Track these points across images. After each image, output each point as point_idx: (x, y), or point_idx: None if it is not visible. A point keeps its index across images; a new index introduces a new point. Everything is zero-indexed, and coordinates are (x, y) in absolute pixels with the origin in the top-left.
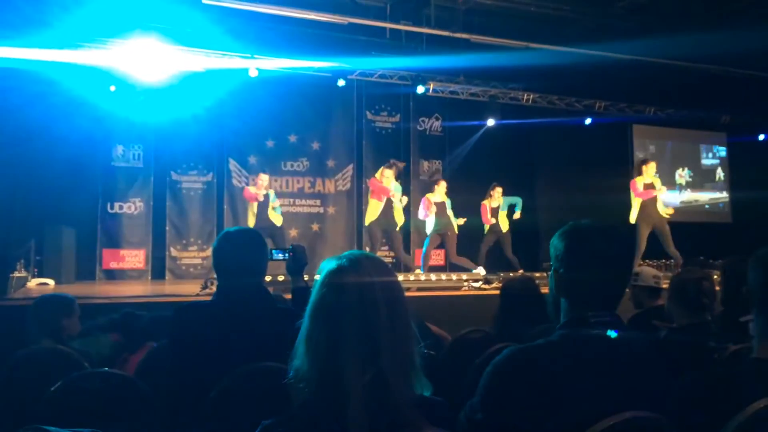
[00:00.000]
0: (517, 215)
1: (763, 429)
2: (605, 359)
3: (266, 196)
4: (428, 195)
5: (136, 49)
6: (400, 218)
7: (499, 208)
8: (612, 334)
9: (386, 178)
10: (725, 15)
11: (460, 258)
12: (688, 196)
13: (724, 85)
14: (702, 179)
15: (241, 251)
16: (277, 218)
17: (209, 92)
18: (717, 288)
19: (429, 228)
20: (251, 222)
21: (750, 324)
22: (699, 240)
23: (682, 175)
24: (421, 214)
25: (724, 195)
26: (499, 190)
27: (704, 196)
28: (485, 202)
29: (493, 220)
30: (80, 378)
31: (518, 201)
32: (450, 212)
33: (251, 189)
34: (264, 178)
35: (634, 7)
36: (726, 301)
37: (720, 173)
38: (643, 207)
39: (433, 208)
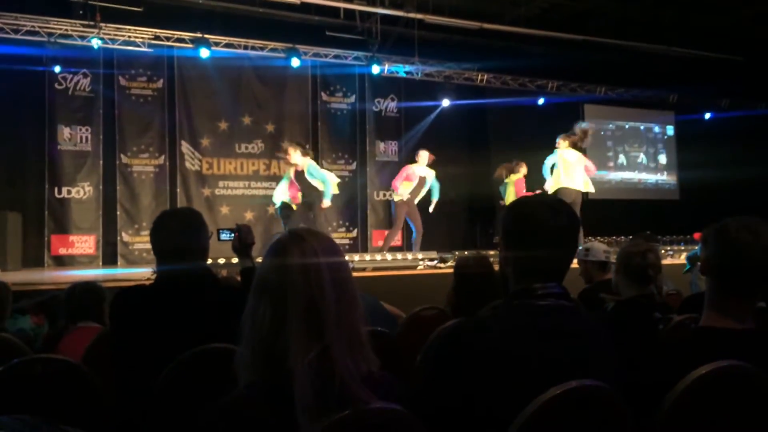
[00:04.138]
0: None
1: (705, 394)
2: (552, 329)
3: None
4: (411, 165)
5: None
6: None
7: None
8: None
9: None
10: None
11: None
12: (637, 173)
13: (672, 65)
14: (650, 157)
15: (177, 232)
16: (317, 183)
17: (158, 73)
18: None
19: (398, 197)
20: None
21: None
22: (647, 216)
23: (631, 152)
24: (396, 183)
25: (672, 172)
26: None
27: (652, 174)
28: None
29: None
30: (22, 364)
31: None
32: (425, 188)
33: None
34: (293, 154)
35: None
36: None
37: (667, 151)
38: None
39: (415, 179)
